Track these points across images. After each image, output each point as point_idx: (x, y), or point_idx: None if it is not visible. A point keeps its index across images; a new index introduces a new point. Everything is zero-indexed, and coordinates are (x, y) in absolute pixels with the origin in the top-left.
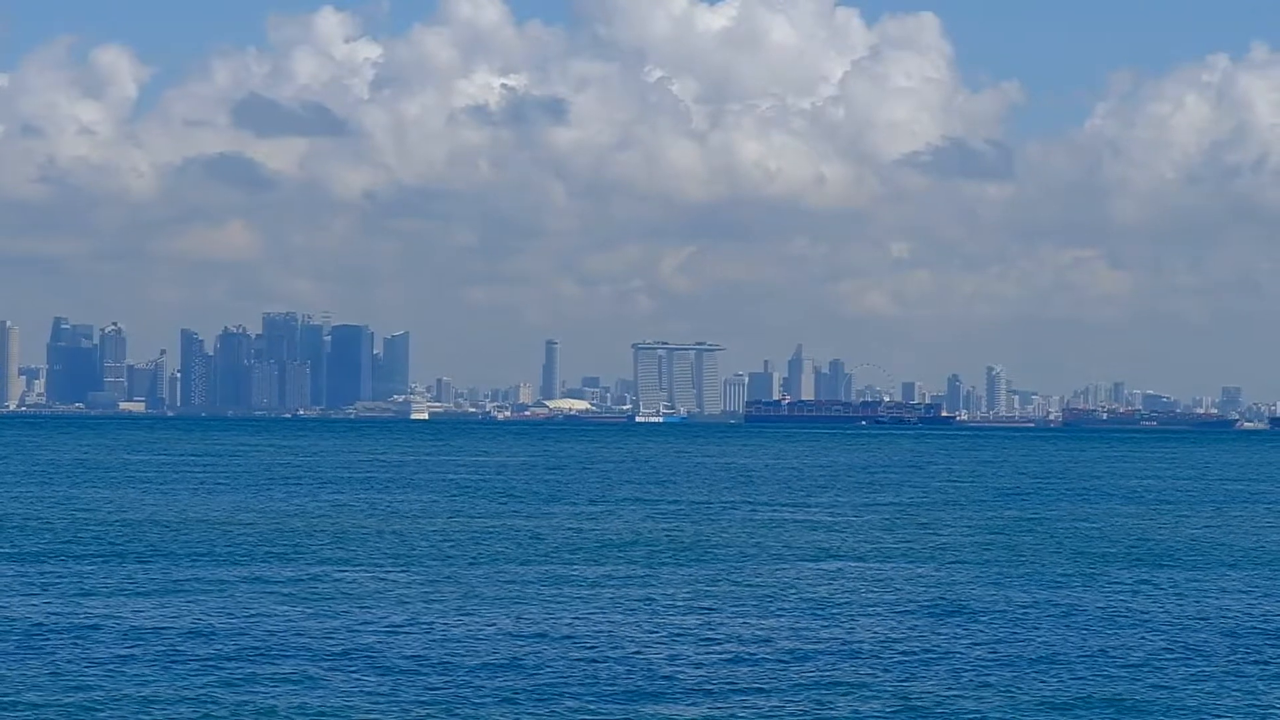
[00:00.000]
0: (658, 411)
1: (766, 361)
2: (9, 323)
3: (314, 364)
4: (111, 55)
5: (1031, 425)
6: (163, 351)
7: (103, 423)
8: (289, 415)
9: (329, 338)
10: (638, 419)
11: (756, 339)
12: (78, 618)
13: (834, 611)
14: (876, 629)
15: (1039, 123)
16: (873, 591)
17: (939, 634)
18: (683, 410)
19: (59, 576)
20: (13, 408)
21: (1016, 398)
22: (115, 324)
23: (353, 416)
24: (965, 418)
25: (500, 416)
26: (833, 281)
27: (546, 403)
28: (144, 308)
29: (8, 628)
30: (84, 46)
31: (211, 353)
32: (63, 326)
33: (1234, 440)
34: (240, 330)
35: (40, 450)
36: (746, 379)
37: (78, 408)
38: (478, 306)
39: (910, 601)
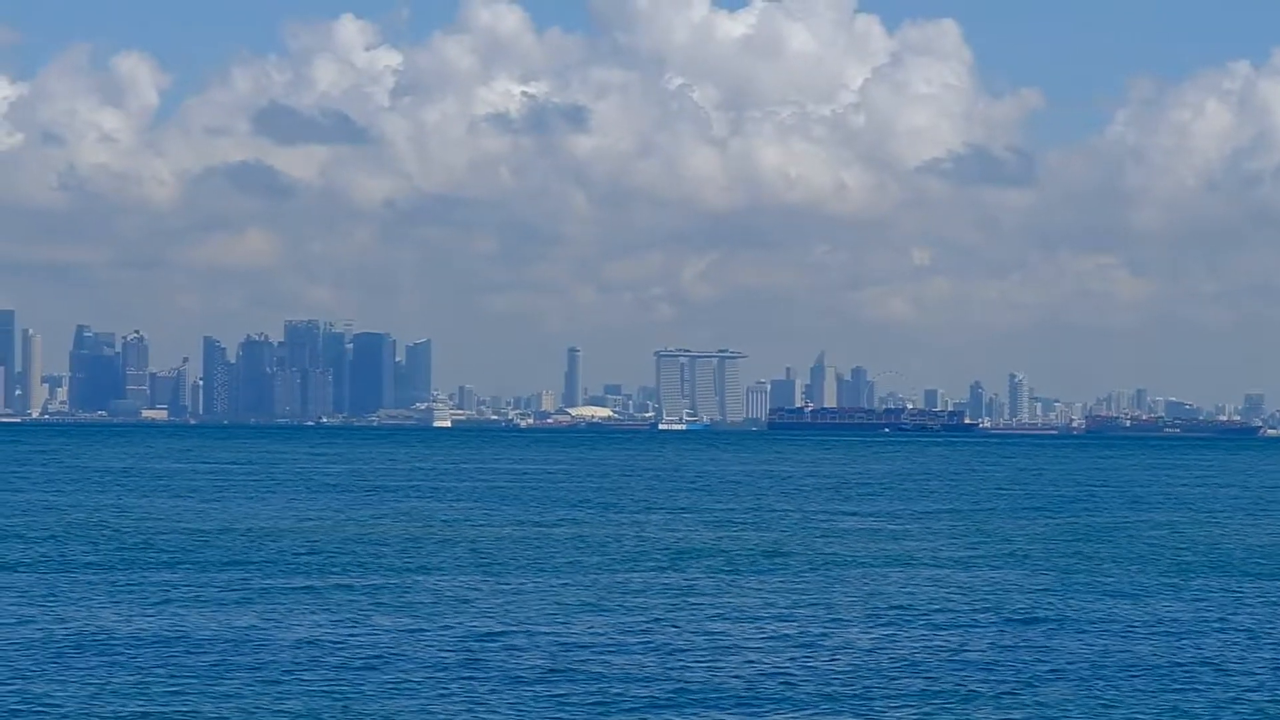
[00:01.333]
0: (680, 419)
1: (789, 369)
2: (31, 330)
3: (336, 372)
4: (131, 63)
5: (1054, 433)
6: (185, 359)
7: (130, 430)
8: (311, 423)
9: (351, 345)
10: (660, 427)
11: (778, 346)
12: (173, 627)
13: (933, 620)
14: (978, 637)
15: (1060, 129)
16: (964, 599)
17: (1044, 645)
18: (705, 418)
19: (159, 586)
20: (36, 415)
21: (1039, 405)
22: (138, 332)
23: (375, 425)
24: (988, 425)
25: (523, 424)
26: (854, 288)
27: (569, 410)
28: (166, 316)
29: (106, 639)
30: (104, 54)
31: (234, 360)
32: (85, 334)
33: (1263, 448)
34: (262, 338)
35: (79, 458)
36: (769, 386)
37: (100, 415)
38: (499, 314)
39: (1003, 610)
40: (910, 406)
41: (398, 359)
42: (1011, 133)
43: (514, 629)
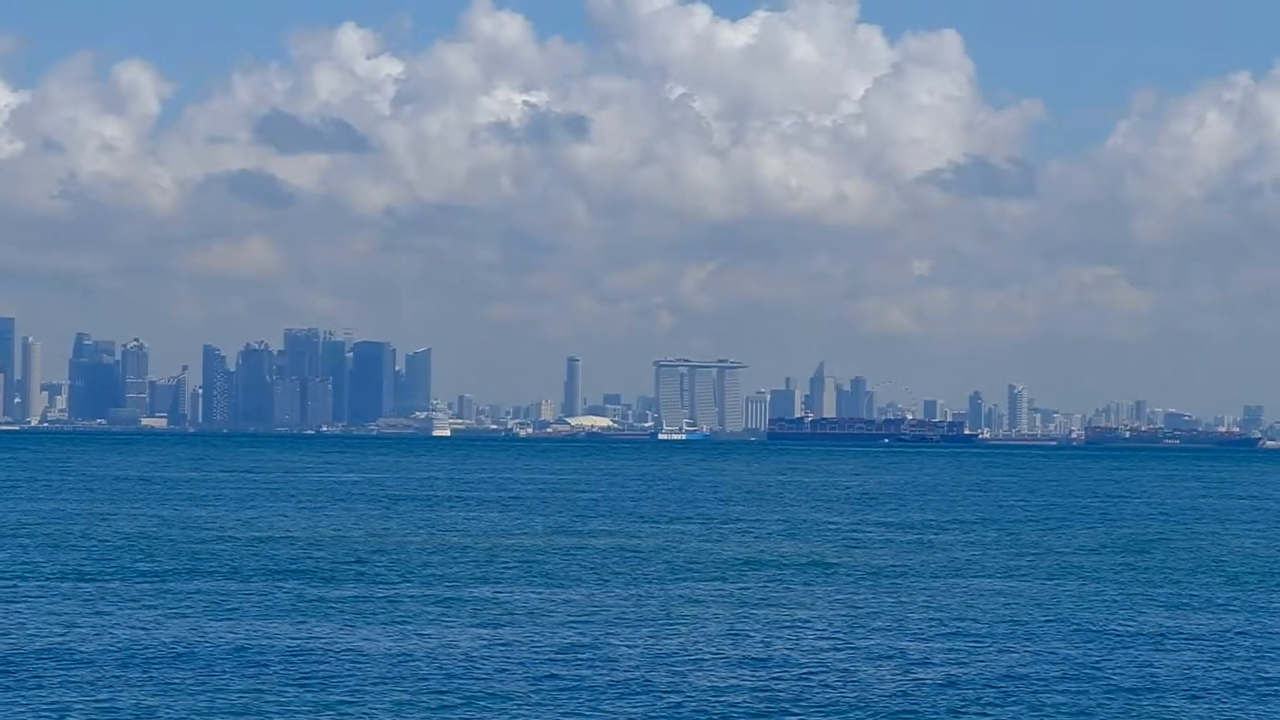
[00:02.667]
0: (680, 429)
1: (788, 379)
2: (31, 338)
3: (336, 381)
4: (133, 71)
5: (1054, 444)
6: (185, 368)
7: (132, 439)
8: (311, 432)
9: (351, 354)
10: (660, 436)
11: (778, 356)
12: (238, 639)
13: (996, 633)
14: (1048, 650)
15: (1061, 141)
16: (1029, 611)
17: (1115, 658)
18: (705, 428)
19: (226, 596)
20: (35, 423)
21: (1038, 416)
22: (137, 340)
23: (375, 433)
24: (988, 436)
25: (522, 434)
26: (854, 299)
27: (568, 420)
28: (166, 324)
29: (186, 650)
30: (106, 62)
31: (233, 369)
32: (85, 342)
33: (1268, 459)
34: (262, 346)
35: (93, 466)
36: (768, 397)
37: (100, 424)
38: (499, 323)
39: (1061, 623)
40: (910, 417)
41: (397, 368)
42: (1012, 144)
43: (584, 642)
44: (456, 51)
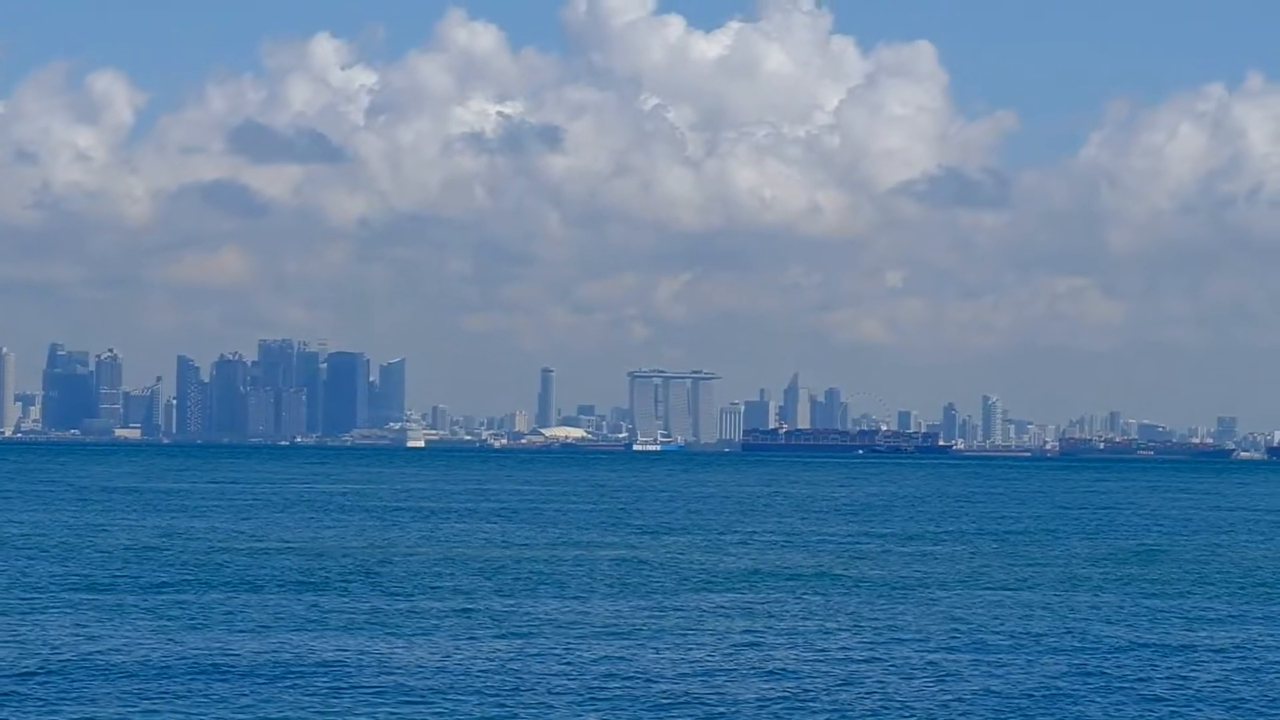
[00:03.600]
0: (655, 440)
1: (762, 390)
2: (4, 349)
3: (310, 391)
4: (107, 81)
5: (1028, 455)
6: (158, 378)
7: (107, 449)
8: (286, 443)
9: (325, 365)
10: (635, 448)
11: (752, 367)
12: (273, 651)
13: (1023, 644)
14: (1080, 663)
15: (1034, 151)
16: (1039, 622)
17: (1146, 670)
18: (679, 439)
19: (258, 609)
20: (8, 434)
21: (1012, 427)
22: (111, 350)
23: (349, 444)
24: (962, 447)
25: (496, 445)
26: (828, 310)
27: (543, 431)
28: (139, 334)
29: (226, 663)
30: (79, 72)
31: (207, 380)
32: (59, 353)
33: (1244, 470)
34: (236, 357)
35: (77, 478)
36: (742, 407)
37: (73, 434)
38: (473, 334)
39: (1085, 634)
40: (884, 428)
41: (371, 379)
42: (986, 154)
43: (613, 654)
44: (430, 62)
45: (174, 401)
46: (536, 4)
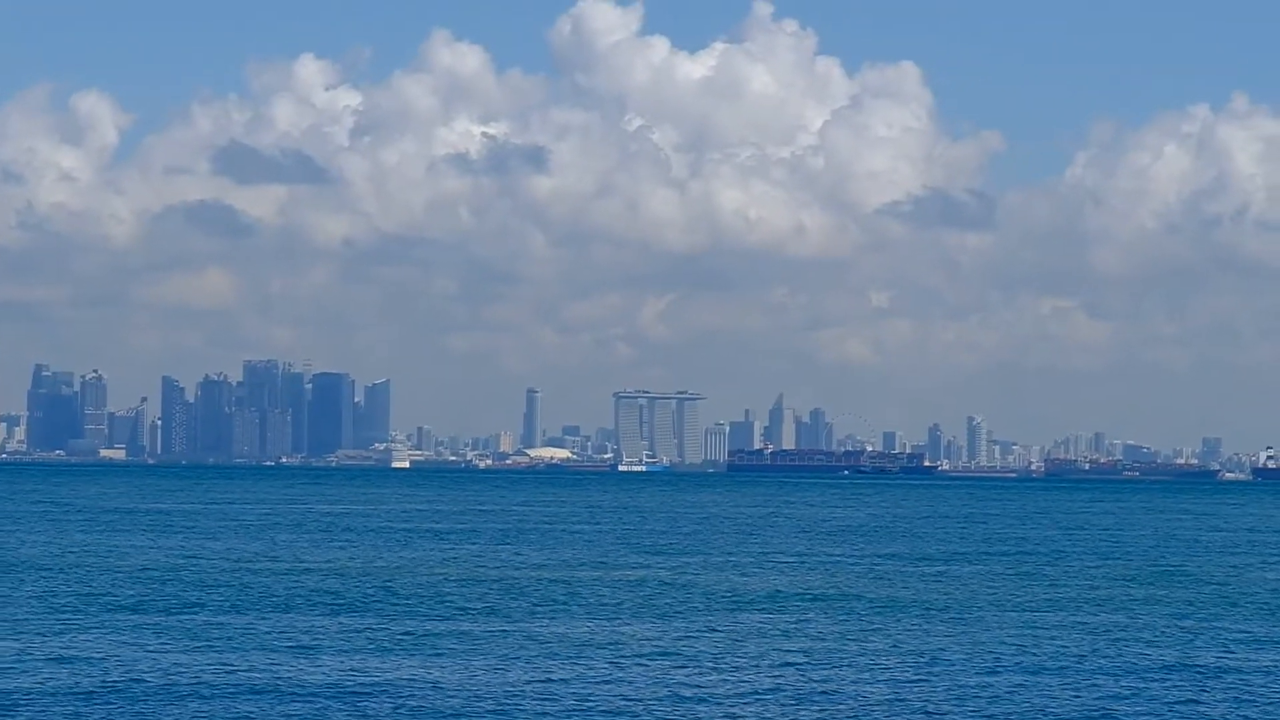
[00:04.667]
0: (640, 461)
1: (747, 410)
2: None
3: (295, 412)
4: (91, 101)
5: (1014, 475)
6: (143, 399)
7: (101, 470)
8: (271, 463)
9: (310, 385)
10: (620, 468)
11: (737, 387)
12: (320, 672)
13: (1065, 666)
14: (1131, 685)
15: (1019, 172)
16: (1084, 643)
17: (1199, 693)
18: (664, 459)
19: (303, 632)
20: None
21: (997, 448)
22: (96, 371)
23: (334, 465)
24: (947, 467)
25: (482, 465)
26: (813, 330)
27: (528, 451)
28: (124, 355)
29: (268, 687)
30: (64, 93)
31: (192, 400)
32: (43, 373)
33: (1231, 491)
34: (221, 378)
35: (74, 498)
36: (727, 428)
37: (58, 455)
38: (458, 354)
39: (1124, 658)
40: (870, 449)
41: (356, 399)
42: (971, 175)
43: (648, 676)
44: (415, 83)
45: (159, 422)
46: (522, 25)
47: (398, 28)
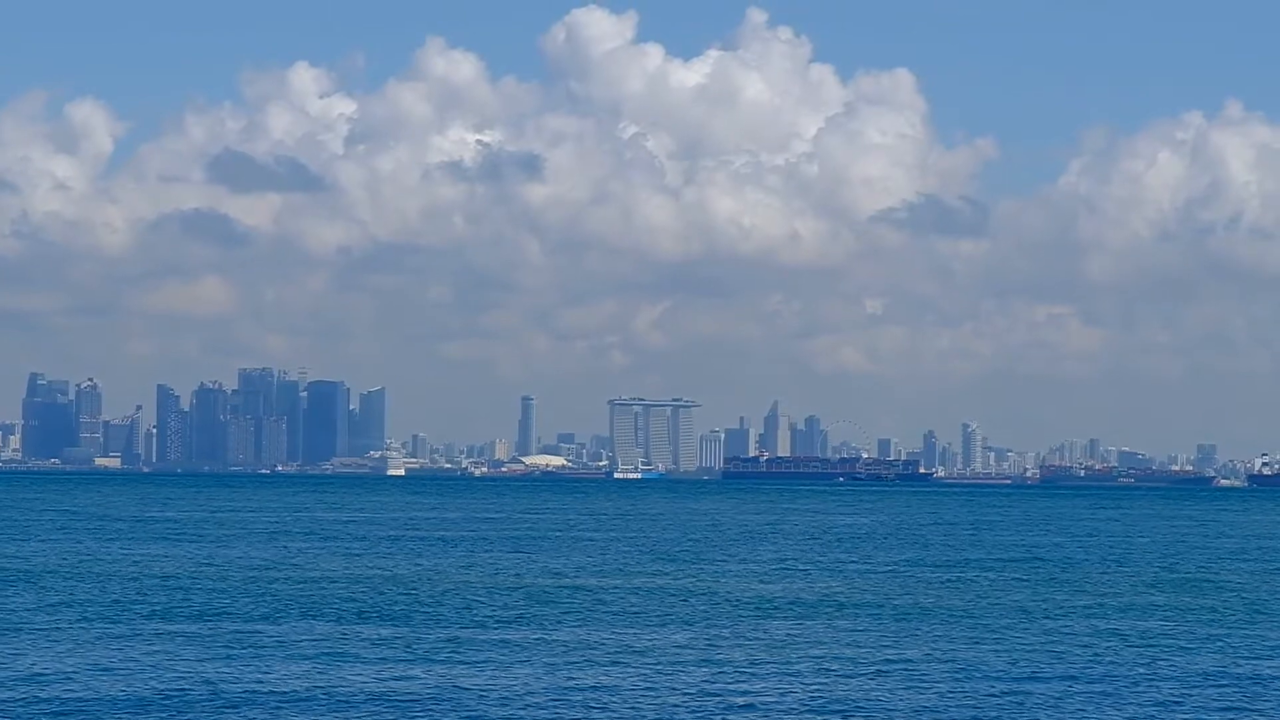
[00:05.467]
0: (636, 468)
1: (742, 418)
2: None
3: (290, 420)
4: (86, 110)
5: (1009, 482)
6: (139, 407)
7: (101, 478)
8: (266, 471)
9: (305, 394)
10: (616, 475)
11: (731, 395)
12: (360, 681)
13: (1110, 674)
14: (1183, 697)
15: (1013, 179)
16: (1133, 654)
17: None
18: (660, 467)
19: (375, 643)
20: None
21: (992, 454)
22: (91, 379)
23: (330, 473)
24: (942, 474)
25: (477, 473)
26: (807, 338)
27: (523, 459)
28: (119, 363)
29: (317, 694)
30: (58, 101)
31: (187, 408)
32: (39, 382)
33: (1229, 498)
34: (216, 386)
35: (82, 506)
36: (722, 435)
37: (53, 463)
38: (453, 362)
39: (1168, 666)
40: (865, 456)
41: (351, 407)
42: (965, 182)
43: (702, 683)
44: (409, 90)
45: (154, 430)
46: (516, 33)
47: (392, 35)
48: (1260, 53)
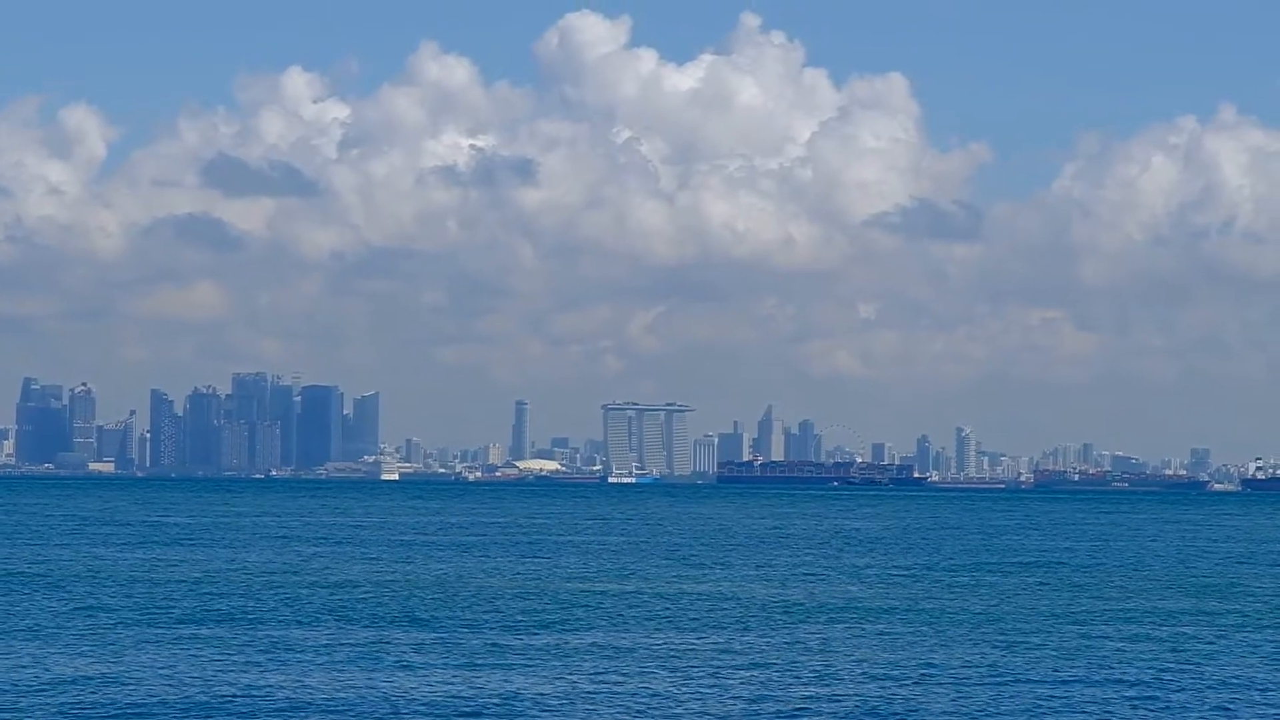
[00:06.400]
0: (630, 472)
1: (736, 422)
2: None
3: (284, 424)
4: (79, 115)
5: (1003, 486)
6: (132, 412)
7: (95, 483)
8: (260, 476)
9: (299, 398)
10: (610, 480)
11: (725, 399)
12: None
13: (1149, 679)
14: (1228, 703)
15: (1007, 184)
16: (1170, 660)
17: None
18: (654, 471)
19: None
20: None
21: (985, 459)
22: (85, 384)
23: (324, 477)
24: (936, 479)
25: (471, 477)
26: (801, 342)
27: (516, 464)
28: (113, 368)
29: (345, 700)
30: (52, 106)
31: (181, 413)
32: (32, 387)
33: (1225, 502)
34: (210, 390)
35: (88, 511)
36: (716, 440)
37: (47, 468)
38: (447, 366)
39: (1204, 673)
40: (859, 460)
41: (345, 412)
42: (959, 187)
43: (719, 687)
44: (403, 95)
45: (148, 435)
46: (509, 37)
47: (385, 40)
48: (1254, 57)
